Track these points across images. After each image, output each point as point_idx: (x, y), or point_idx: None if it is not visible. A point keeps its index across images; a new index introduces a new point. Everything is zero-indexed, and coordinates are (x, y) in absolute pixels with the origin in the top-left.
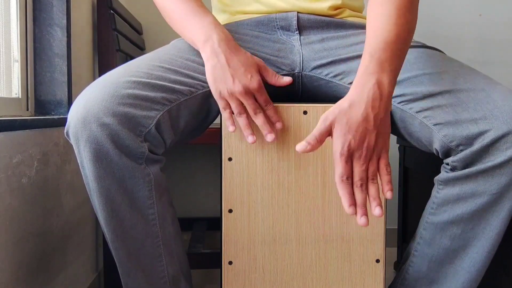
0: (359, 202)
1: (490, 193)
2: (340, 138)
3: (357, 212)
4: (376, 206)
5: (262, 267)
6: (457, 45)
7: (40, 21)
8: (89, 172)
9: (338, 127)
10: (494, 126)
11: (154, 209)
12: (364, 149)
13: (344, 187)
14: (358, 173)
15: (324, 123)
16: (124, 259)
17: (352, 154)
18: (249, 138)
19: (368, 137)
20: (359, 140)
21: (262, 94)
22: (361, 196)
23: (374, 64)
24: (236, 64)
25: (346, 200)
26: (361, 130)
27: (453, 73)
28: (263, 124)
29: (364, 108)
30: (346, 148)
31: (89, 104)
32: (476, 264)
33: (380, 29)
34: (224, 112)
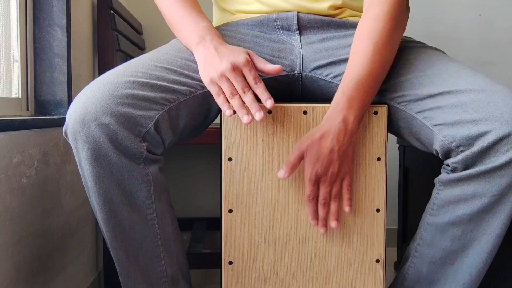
0: (321, 216)
1: (491, 195)
2: (309, 166)
3: (318, 224)
4: (333, 220)
5: (262, 267)
6: (457, 45)
7: (40, 21)
8: (88, 172)
9: (309, 156)
10: (495, 127)
11: (153, 209)
12: (328, 175)
13: (310, 206)
14: (322, 194)
15: (298, 150)
16: (123, 259)
17: (319, 179)
18: (244, 118)
19: (332, 165)
20: (325, 168)
21: (251, 70)
22: (322, 212)
23: (344, 101)
24: (224, 50)
25: (310, 215)
26: (327, 160)
27: (454, 73)
28: (252, 102)
29: (330, 141)
30: (314, 174)
31: (88, 104)
32: (476, 265)
33: (354, 66)
34: (218, 98)
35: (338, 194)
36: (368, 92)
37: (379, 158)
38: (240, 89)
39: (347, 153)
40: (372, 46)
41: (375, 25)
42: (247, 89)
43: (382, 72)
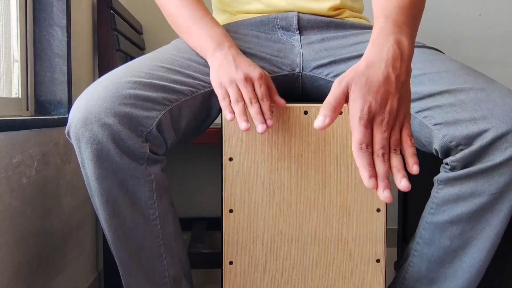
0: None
1: (490, 193)
2: (359, 100)
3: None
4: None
5: (263, 267)
6: (457, 45)
7: (40, 21)
8: (90, 173)
9: (356, 88)
10: (494, 125)
11: (155, 209)
12: (386, 114)
13: (363, 156)
14: (379, 140)
15: (339, 85)
16: (125, 259)
17: (372, 118)
18: (242, 125)
19: (391, 100)
20: (380, 103)
21: (262, 85)
22: (383, 167)
23: (391, 24)
24: (241, 61)
25: (366, 170)
26: (383, 92)
27: (453, 73)
28: (256, 114)
29: (385, 67)
30: (366, 111)
31: (90, 104)
32: (475, 264)
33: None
34: (223, 102)
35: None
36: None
37: None
38: (248, 98)
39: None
40: None
41: None
42: (255, 101)
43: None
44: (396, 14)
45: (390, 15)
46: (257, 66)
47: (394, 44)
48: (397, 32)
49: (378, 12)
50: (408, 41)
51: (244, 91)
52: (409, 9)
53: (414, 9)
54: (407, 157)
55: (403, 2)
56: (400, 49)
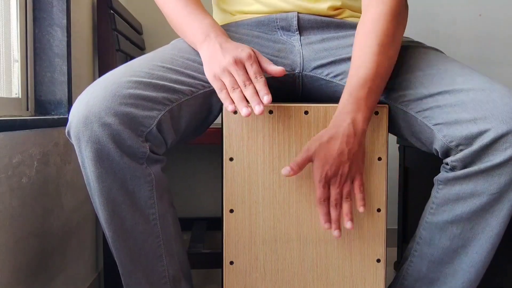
0: (334, 218)
1: (490, 193)
2: (319, 168)
3: (332, 227)
4: (348, 220)
5: (263, 267)
6: (457, 45)
7: (40, 21)
8: (90, 172)
9: (318, 159)
10: (494, 125)
11: (155, 209)
12: (338, 177)
13: (322, 208)
14: (333, 195)
15: (306, 153)
16: (125, 259)
17: (329, 181)
18: (243, 110)
19: (342, 167)
20: (334, 170)
21: (252, 64)
22: (335, 214)
23: (351, 102)
24: (228, 45)
25: (323, 218)
26: (336, 163)
27: (453, 73)
28: (252, 95)
29: (340, 143)
30: (323, 176)
31: (91, 104)
32: (475, 264)
33: (360, 66)
34: (220, 93)
35: (349, 194)
36: (376, 91)
37: (380, 158)
38: (241, 82)
39: (357, 154)
40: (377, 46)
41: (377, 26)
42: (248, 82)
43: (387, 71)
44: (357, 90)
45: (352, 91)
46: (245, 47)
47: (350, 124)
48: (355, 110)
49: (346, 87)
50: (362, 118)
51: (236, 75)
52: (372, 82)
53: (377, 80)
54: (357, 200)
55: (368, 75)
56: (355, 128)
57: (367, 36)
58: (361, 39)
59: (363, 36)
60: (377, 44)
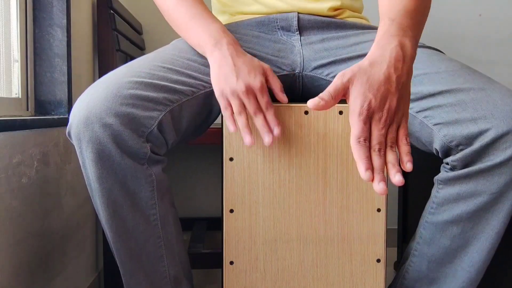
0: (377, 167)
1: (490, 193)
2: (359, 96)
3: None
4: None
5: (263, 267)
6: (457, 44)
7: (40, 21)
8: (91, 173)
9: (358, 85)
10: (494, 125)
11: (156, 210)
12: (385, 112)
13: (361, 149)
14: (376, 137)
15: (341, 79)
16: (126, 259)
17: (371, 115)
18: (246, 139)
19: (390, 99)
20: (380, 101)
21: (264, 95)
22: (379, 161)
23: (395, 27)
24: (241, 65)
25: (363, 163)
26: (383, 90)
27: (453, 72)
28: (262, 125)
29: (387, 67)
30: (366, 107)
31: (91, 104)
32: (475, 263)
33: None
34: (225, 112)
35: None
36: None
37: None
38: (252, 111)
39: (406, 86)
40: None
41: None
42: (259, 112)
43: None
44: (401, 17)
45: (395, 17)
46: (258, 72)
47: (398, 46)
48: (401, 34)
49: (384, 14)
50: (411, 44)
51: (247, 103)
52: (414, 14)
53: (418, 14)
54: (402, 154)
55: (409, 7)
56: (403, 51)
57: None
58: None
59: None
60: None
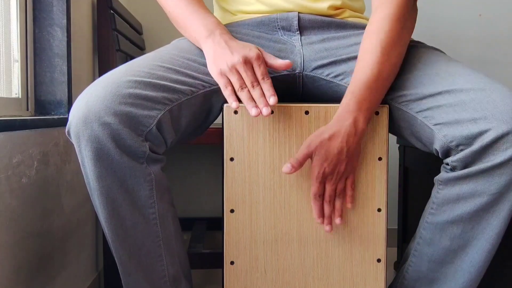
0: (327, 214)
1: (490, 193)
2: (317, 165)
3: (324, 221)
4: (338, 216)
5: (264, 267)
6: (457, 45)
7: (40, 21)
8: (90, 172)
9: (317, 156)
10: (494, 125)
11: (155, 209)
12: (335, 175)
13: (316, 204)
14: (328, 191)
15: (307, 149)
16: (125, 258)
17: (325, 178)
18: (252, 111)
19: (340, 165)
20: (332, 168)
21: (261, 65)
22: (328, 209)
23: (353, 102)
24: (235, 44)
25: (316, 213)
26: (335, 160)
27: (453, 73)
28: (260, 97)
29: (340, 142)
30: (321, 173)
31: (91, 103)
32: (476, 264)
33: (363, 67)
34: (225, 90)
35: (342, 191)
36: (377, 93)
37: (381, 158)
38: (250, 83)
39: (355, 153)
40: (380, 47)
41: (381, 27)
42: (256, 84)
43: (390, 73)
44: (360, 91)
45: (355, 91)
46: (253, 46)
47: (352, 123)
48: (357, 110)
49: (349, 87)
50: (363, 118)
51: (245, 76)
52: (374, 83)
53: (379, 81)
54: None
55: (371, 77)
56: (356, 127)
57: (371, 37)
58: (366, 40)
59: (368, 37)
60: (380, 46)
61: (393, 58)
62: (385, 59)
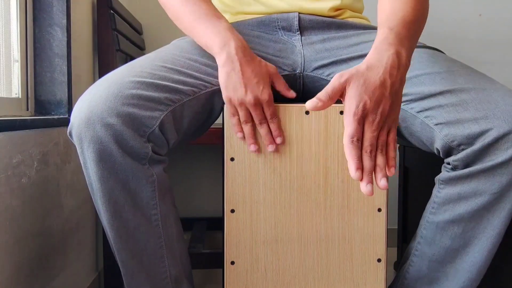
0: (367, 168)
1: (491, 193)
2: (355, 97)
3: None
4: (382, 177)
5: (264, 267)
6: (457, 45)
7: (40, 21)
8: (93, 173)
9: (354, 86)
10: (495, 125)
11: (157, 210)
12: (378, 115)
13: (353, 149)
14: (369, 138)
15: (339, 79)
16: (127, 259)
17: (365, 116)
18: (251, 147)
19: (384, 103)
20: (374, 104)
21: (270, 107)
22: (369, 163)
23: (393, 36)
24: (249, 74)
25: (354, 163)
26: (378, 94)
27: (454, 73)
28: (266, 134)
29: (383, 73)
30: (361, 108)
31: (93, 104)
32: (476, 263)
33: (399, 9)
34: (232, 118)
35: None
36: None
37: None
38: (258, 121)
39: (399, 93)
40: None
41: None
42: (264, 122)
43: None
44: (399, 27)
45: (393, 27)
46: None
47: (394, 54)
48: (398, 44)
49: (383, 23)
50: (406, 54)
51: (253, 114)
52: (411, 24)
53: (415, 24)
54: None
55: (408, 17)
56: (399, 59)
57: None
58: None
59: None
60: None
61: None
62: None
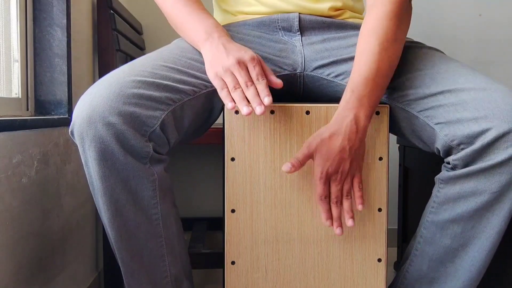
0: (335, 216)
1: (491, 192)
2: (319, 165)
3: (333, 224)
4: (349, 218)
5: (265, 267)
6: (457, 45)
7: (40, 21)
8: (94, 172)
9: (319, 155)
10: (495, 124)
11: (158, 209)
12: (339, 174)
13: (323, 205)
14: (334, 192)
15: (308, 149)
16: (127, 259)
17: (329, 177)
18: (244, 109)
19: (343, 164)
20: (335, 167)
21: (255, 66)
22: (336, 211)
23: (353, 99)
24: (231, 47)
25: (324, 215)
26: (338, 159)
27: (454, 72)
28: (254, 96)
29: (341, 140)
30: (324, 173)
31: (95, 103)
32: (476, 263)
33: (362, 65)
34: (221, 92)
35: (350, 191)
36: (377, 89)
37: (381, 157)
38: (243, 82)
39: (358, 151)
40: (378, 45)
41: (379, 24)
42: (250, 83)
43: (389, 70)
44: (360, 87)
45: (355, 88)
46: (248, 49)
47: (353, 120)
48: (358, 107)
49: (348, 84)
50: (365, 115)
51: (238, 76)
52: (374, 80)
53: (378, 78)
54: (355, 199)
55: (370, 74)
56: (357, 124)
57: (369, 35)
58: (363, 38)
59: (365, 35)
60: (378, 43)
61: (392, 55)
62: (384, 56)
